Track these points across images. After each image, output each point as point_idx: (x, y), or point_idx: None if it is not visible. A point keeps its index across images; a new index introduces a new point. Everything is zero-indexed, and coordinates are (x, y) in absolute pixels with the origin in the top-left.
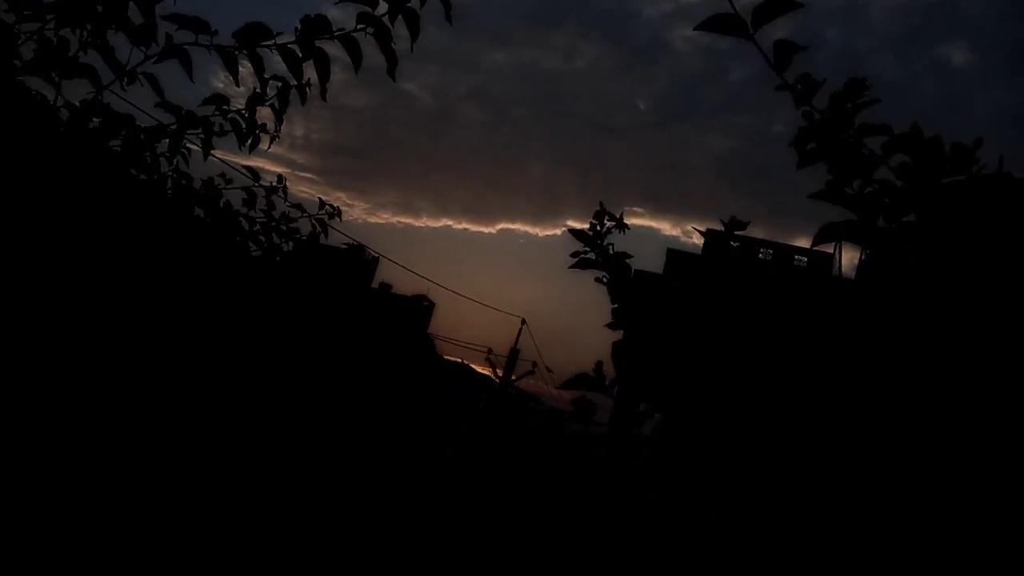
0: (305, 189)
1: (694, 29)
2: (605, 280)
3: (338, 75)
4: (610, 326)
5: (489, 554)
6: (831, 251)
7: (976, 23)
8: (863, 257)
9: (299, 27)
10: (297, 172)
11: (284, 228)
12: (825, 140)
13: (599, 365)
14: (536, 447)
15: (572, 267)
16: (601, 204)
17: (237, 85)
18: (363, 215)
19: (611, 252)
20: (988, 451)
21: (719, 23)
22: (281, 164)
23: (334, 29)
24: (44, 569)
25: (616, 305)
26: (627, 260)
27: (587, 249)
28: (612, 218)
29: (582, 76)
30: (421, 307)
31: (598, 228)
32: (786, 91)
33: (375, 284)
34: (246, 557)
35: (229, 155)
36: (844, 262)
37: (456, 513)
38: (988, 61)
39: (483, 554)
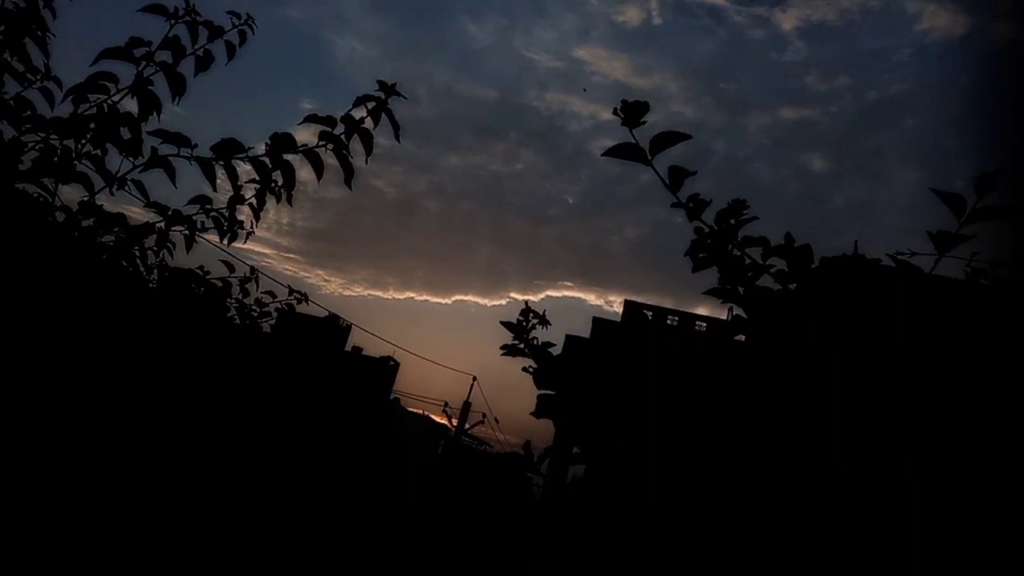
0: (289, 268)
1: (602, 155)
2: (531, 370)
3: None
4: (533, 414)
5: None
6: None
7: (829, 137)
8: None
9: (268, 143)
10: (283, 253)
11: (256, 311)
12: (713, 251)
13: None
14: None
15: (504, 354)
16: (527, 303)
17: (215, 190)
18: (339, 289)
19: (536, 344)
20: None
21: (624, 151)
22: (269, 246)
23: (299, 145)
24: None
25: (540, 392)
26: (549, 349)
27: (516, 341)
28: (536, 315)
29: (521, 176)
30: (387, 367)
31: (524, 324)
32: (680, 208)
33: (348, 347)
34: None
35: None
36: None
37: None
38: (839, 167)
39: None
